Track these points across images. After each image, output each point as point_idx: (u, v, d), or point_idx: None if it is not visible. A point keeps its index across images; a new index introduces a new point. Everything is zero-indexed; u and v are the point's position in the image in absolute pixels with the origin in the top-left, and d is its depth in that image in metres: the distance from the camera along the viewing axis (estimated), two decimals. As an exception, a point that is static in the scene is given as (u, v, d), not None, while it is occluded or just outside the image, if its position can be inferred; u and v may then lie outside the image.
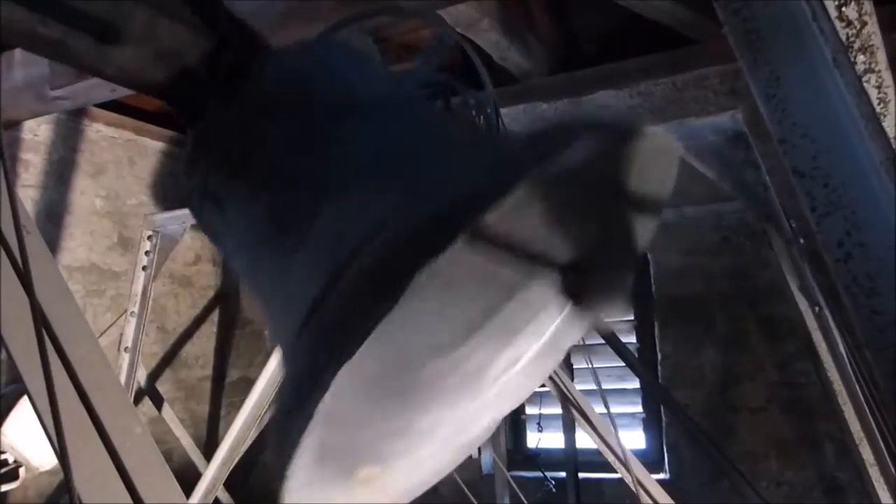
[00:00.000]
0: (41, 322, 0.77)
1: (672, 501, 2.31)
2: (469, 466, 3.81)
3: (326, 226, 0.85)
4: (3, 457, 1.23)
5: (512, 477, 3.23)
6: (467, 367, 0.92)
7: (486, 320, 0.91)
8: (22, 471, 1.24)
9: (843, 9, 0.58)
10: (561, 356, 1.02)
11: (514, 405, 1.01)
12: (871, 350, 0.49)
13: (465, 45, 2.51)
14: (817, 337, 1.97)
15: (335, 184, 0.89)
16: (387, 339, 0.81)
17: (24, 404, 1.23)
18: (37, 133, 3.66)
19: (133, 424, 0.86)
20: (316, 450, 0.70)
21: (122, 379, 3.17)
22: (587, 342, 3.31)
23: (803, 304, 2.02)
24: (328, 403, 0.64)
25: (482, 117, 2.73)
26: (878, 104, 0.63)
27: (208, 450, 4.24)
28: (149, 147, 4.18)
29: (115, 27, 1.32)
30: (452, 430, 0.94)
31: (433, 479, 0.96)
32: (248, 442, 2.91)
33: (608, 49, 4.01)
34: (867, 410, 1.85)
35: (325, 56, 1.17)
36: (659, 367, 3.77)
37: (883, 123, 0.64)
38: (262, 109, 1.09)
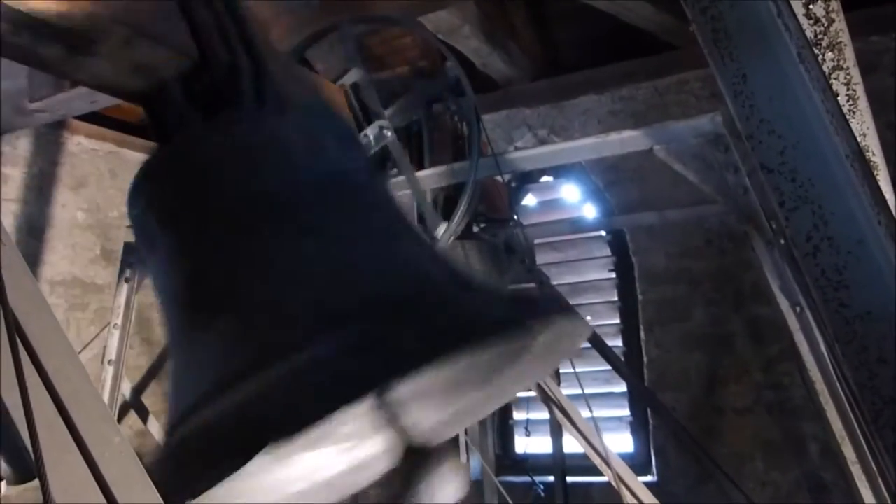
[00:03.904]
0: (15, 332, 0.76)
1: (658, 503, 2.32)
2: (458, 473, 3.80)
3: (231, 328, 0.91)
4: (-18, 471, 1.21)
5: (500, 482, 3.22)
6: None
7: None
8: (3, 485, 1.22)
9: (811, 6, 0.59)
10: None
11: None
12: (840, 343, 0.49)
13: (445, 51, 2.53)
14: (799, 337, 1.99)
15: (255, 288, 0.95)
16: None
17: (3, 418, 1.21)
18: (16, 146, 3.62)
19: (112, 435, 0.84)
20: None
21: (107, 392, 3.13)
22: (573, 346, 3.31)
23: (785, 305, 2.04)
24: None
25: (464, 123, 2.75)
26: (847, 101, 0.64)
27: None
28: (130, 158, 4.15)
29: (89, 40, 1.32)
30: None
31: None
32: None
33: (589, 55, 4.04)
34: (848, 409, 1.87)
35: (301, 124, 1.20)
36: (645, 371, 3.78)
37: (852, 120, 0.65)
38: (209, 170, 1.12)
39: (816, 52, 0.65)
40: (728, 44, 0.54)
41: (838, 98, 0.66)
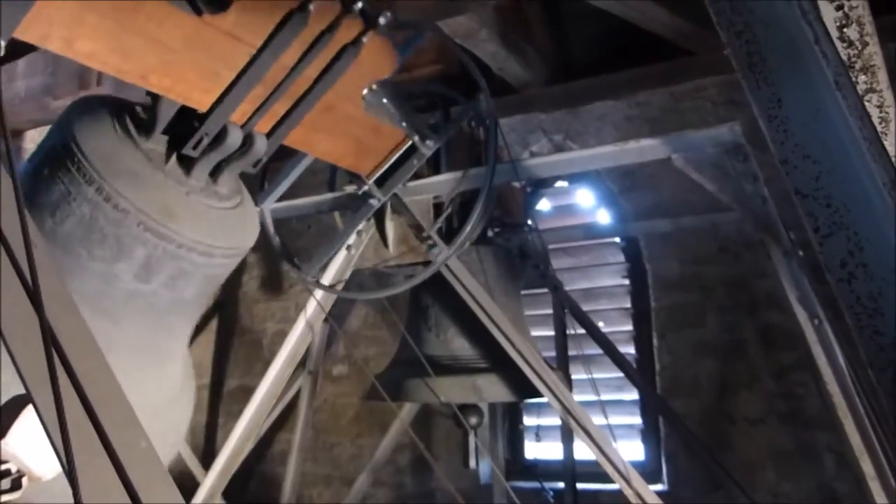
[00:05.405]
0: (50, 339, 0.77)
1: (671, 512, 2.31)
2: (467, 476, 3.80)
3: None
4: (6, 466, 1.23)
5: (510, 487, 3.22)
6: None
7: None
8: (25, 480, 1.24)
9: (845, 30, 0.59)
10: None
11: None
12: (874, 370, 0.49)
13: (464, 56, 2.53)
14: (817, 350, 1.97)
15: None
16: None
17: (27, 413, 1.23)
18: (38, 143, 3.66)
19: (138, 438, 0.86)
20: None
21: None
22: (586, 353, 3.32)
23: (802, 316, 2.03)
24: None
25: (481, 128, 2.75)
26: (880, 123, 0.64)
27: (206, 459, 4.23)
28: (148, 156, 4.18)
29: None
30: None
31: None
32: (247, 451, 2.90)
33: (605, 57, 4.03)
34: (867, 424, 1.85)
35: None
36: (657, 378, 3.77)
37: (885, 143, 0.65)
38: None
39: (850, 75, 0.65)
40: (763, 68, 0.54)
41: (869, 117, 0.66)
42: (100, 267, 1.32)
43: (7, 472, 1.17)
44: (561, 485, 3.61)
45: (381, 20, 1.56)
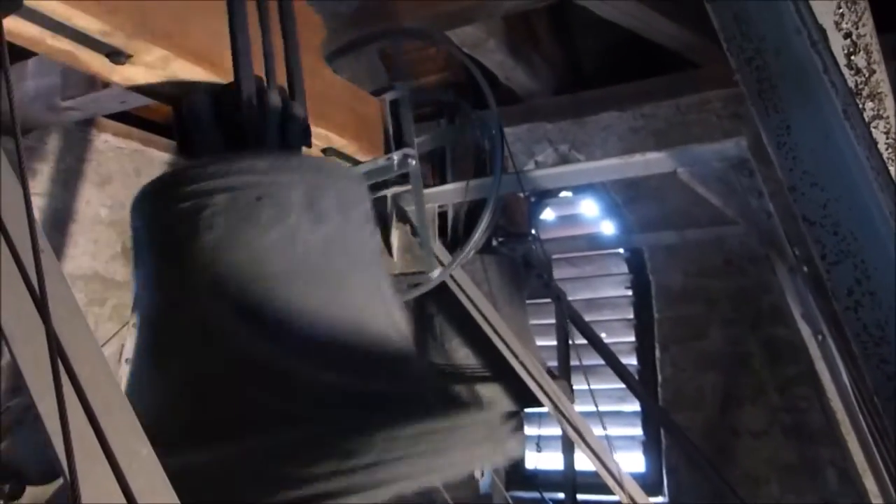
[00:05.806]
0: (56, 346, 0.77)
1: (671, 527, 2.30)
2: (467, 486, 3.79)
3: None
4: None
5: (510, 497, 3.22)
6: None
7: None
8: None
9: (853, 58, 0.59)
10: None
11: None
12: (881, 398, 0.49)
13: (471, 65, 2.54)
14: (820, 366, 1.97)
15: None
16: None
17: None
18: (46, 142, 3.68)
19: (140, 446, 0.86)
20: None
21: (123, 390, 3.16)
22: (587, 363, 3.31)
23: (806, 332, 2.02)
24: None
25: (487, 137, 2.76)
26: (887, 150, 0.64)
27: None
28: (155, 158, 4.19)
29: (124, 54, 1.36)
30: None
31: None
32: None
33: (612, 70, 4.04)
34: (871, 441, 1.85)
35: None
36: (659, 390, 3.76)
37: (891, 167, 0.65)
38: (205, 216, 1.30)
39: (858, 103, 0.65)
40: (772, 95, 0.54)
41: (877, 146, 0.66)
42: (280, 231, 1.21)
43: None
44: (561, 495, 3.59)
45: None
